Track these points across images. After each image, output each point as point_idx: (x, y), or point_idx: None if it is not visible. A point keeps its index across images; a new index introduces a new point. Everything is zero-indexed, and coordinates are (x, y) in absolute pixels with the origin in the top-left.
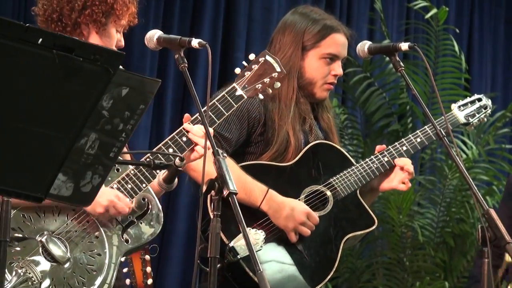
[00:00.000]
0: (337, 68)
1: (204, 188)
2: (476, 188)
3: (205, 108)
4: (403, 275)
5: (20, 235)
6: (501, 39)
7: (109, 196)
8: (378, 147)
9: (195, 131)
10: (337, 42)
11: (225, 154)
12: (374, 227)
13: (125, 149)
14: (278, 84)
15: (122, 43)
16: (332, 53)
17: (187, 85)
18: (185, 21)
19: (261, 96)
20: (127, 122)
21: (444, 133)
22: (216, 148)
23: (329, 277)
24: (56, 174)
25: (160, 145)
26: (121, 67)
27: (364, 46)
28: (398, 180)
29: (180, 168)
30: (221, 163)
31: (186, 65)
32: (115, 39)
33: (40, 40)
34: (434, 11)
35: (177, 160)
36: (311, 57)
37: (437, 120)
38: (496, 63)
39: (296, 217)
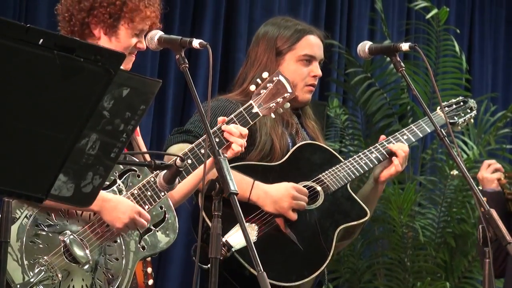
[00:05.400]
0: (316, 69)
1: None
2: (477, 188)
3: (205, 106)
4: (404, 276)
5: (44, 232)
6: (501, 40)
7: (130, 213)
8: (381, 137)
9: (233, 131)
10: (312, 43)
11: (226, 155)
12: (366, 218)
13: (144, 149)
14: (287, 105)
15: (143, 45)
16: (308, 54)
17: (188, 85)
18: (186, 22)
19: (273, 115)
20: (128, 123)
21: (444, 133)
22: (217, 149)
23: (324, 265)
24: (57, 175)
25: (193, 145)
26: (122, 67)
27: (364, 46)
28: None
29: (181, 169)
30: (222, 164)
31: (187, 65)
32: (128, 41)
33: (41, 40)
34: (434, 11)
35: (177, 160)
36: (288, 61)
37: (424, 119)
38: (497, 63)
39: (286, 195)
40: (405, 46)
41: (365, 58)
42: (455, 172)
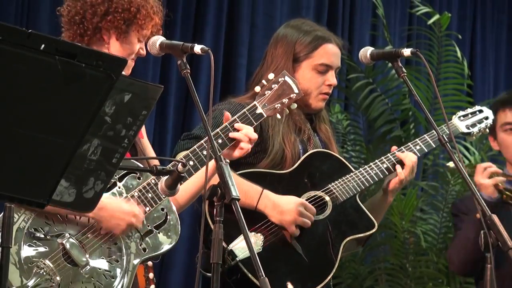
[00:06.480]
0: (331, 78)
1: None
2: (478, 193)
3: (207, 113)
4: (405, 281)
5: (42, 236)
6: (503, 45)
7: (128, 219)
8: (393, 148)
9: (241, 137)
10: (329, 52)
11: (227, 160)
12: (374, 230)
13: (151, 150)
14: (294, 105)
15: (144, 52)
16: (324, 63)
17: (189, 91)
18: (187, 28)
19: (278, 116)
20: (129, 128)
21: (446, 139)
22: (219, 154)
23: (329, 277)
24: (59, 180)
25: (194, 146)
26: (123, 73)
27: (366, 52)
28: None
29: (183, 174)
30: (224, 169)
31: (189, 71)
32: (136, 47)
33: (43, 46)
34: (436, 17)
35: (179, 166)
36: (304, 68)
37: (438, 127)
38: (499, 69)
39: (293, 209)
40: (407, 51)
41: (367, 64)
42: (451, 164)
